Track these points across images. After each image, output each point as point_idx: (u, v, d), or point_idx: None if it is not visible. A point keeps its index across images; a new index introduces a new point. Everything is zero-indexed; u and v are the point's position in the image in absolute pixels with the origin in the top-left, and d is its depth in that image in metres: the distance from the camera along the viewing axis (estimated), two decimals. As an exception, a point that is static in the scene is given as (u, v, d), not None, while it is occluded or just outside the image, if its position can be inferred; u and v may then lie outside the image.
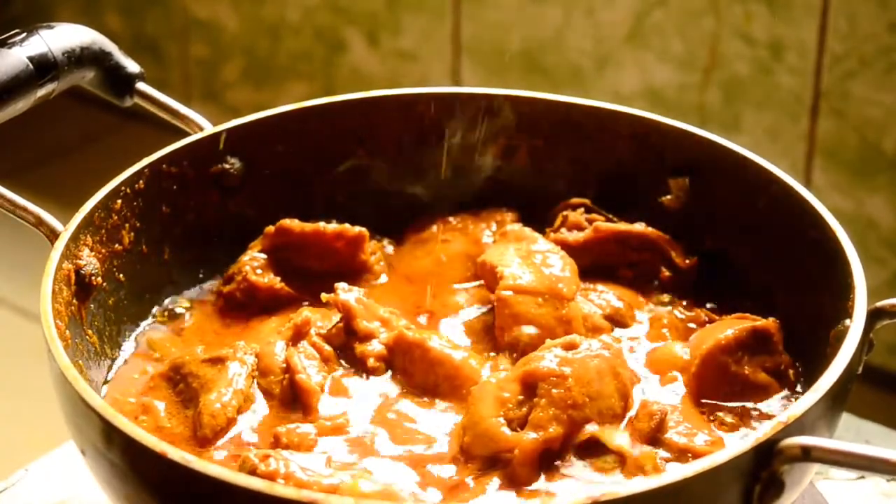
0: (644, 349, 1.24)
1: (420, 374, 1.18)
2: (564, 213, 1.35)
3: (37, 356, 1.15)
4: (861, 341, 1.07)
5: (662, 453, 1.10)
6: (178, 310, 1.30)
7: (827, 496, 1.30)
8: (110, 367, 1.22)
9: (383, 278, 1.34)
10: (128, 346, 1.25)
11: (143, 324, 1.28)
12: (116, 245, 1.25)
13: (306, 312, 1.22)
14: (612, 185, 1.37)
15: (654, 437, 1.11)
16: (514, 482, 1.07)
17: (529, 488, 1.07)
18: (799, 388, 1.19)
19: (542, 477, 1.08)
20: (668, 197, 1.34)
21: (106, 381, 1.21)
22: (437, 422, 1.15)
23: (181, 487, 0.97)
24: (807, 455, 0.97)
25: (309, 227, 1.31)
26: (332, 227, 1.32)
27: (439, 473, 1.10)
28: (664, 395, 1.17)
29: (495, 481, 1.08)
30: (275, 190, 1.36)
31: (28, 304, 2.75)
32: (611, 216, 1.35)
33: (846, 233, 1.17)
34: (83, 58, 1.31)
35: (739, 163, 1.29)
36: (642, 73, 2.54)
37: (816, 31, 2.33)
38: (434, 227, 1.38)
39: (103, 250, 1.23)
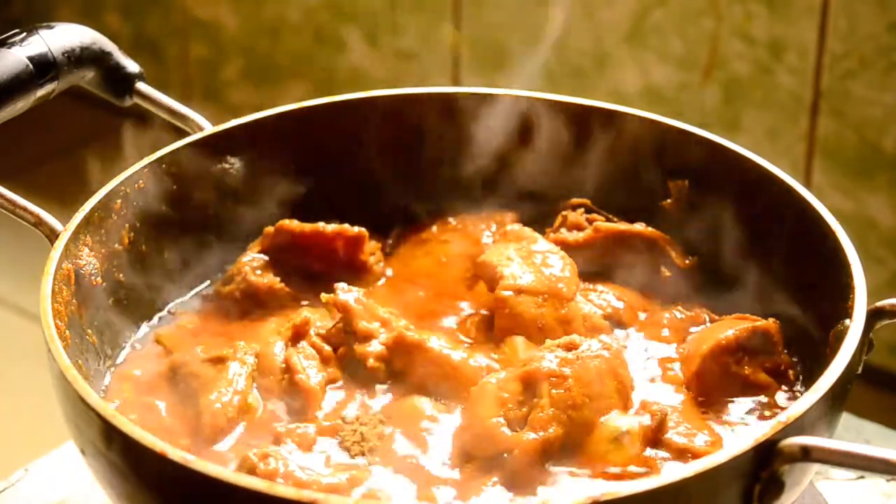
0: (644, 349, 1.24)
1: (420, 374, 1.18)
2: (564, 213, 1.35)
3: (37, 356, 1.15)
4: (861, 341, 1.07)
5: (662, 454, 1.10)
6: (178, 310, 1.30)
7: (827, 496, 1.30)
8: (110, 367, 1.22)
9: (383, 279, 1.34)
10: (128, 346, 1.25)
11: (143, 324, 1.28)
12: (116, 245, 1.25)
13: (306, 313, 1.22)
14: (611, 184, 1.37)
15: (655, 437, 1.11)
16: (514, 482, 1.07)
17: (529, 488, 1.07)
18: (799, 389, 1.19)
19: (542, 477, 1.08)
20: (669, 201, 1.34)
21: (108, 377, 1.21)
22: (437, 422, 1.15)
23: (181, 487, 0.97)
24: (807, 455, 0.97)
25: (308, 227, 1.31)
26: (332, 227, 1.32)
27: (439, 474, 1.10)
28: (664, 395, 1.17)
29: (495, 481, 1.08)
30: (275, 190, 1.36)
31: (28, 303, 2.75)
32: (610, 216, 1.35)
33: (846, 233, 1.17)
34: (83, 58, 1.31)
35: (739, 163, 1.29)
36: (642, 73, 2.54)
37: (816, 30, 2.33)
38: (434, 228, 1.38)
39: (103, 250, 1.23)
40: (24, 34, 1.28)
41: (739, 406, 1.17)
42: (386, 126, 1.39)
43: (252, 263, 1.30)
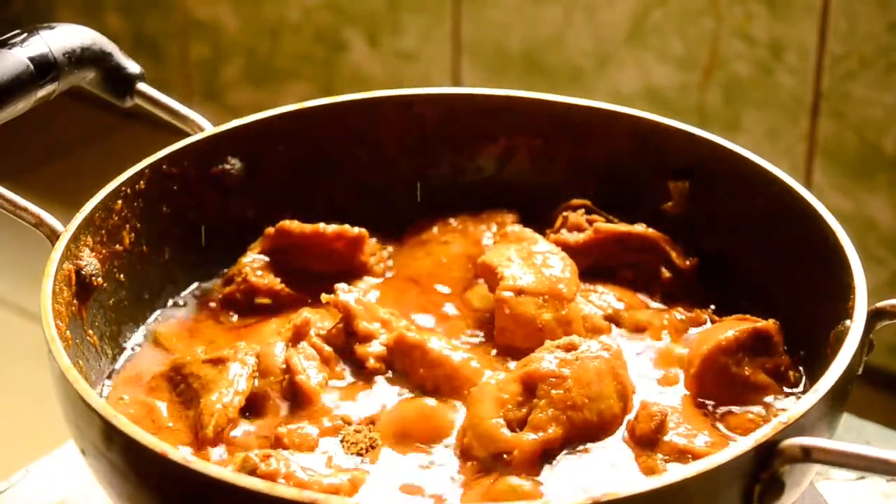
0: (644, 350, 1.24)
1: (420, 375, 1.18)
2: (565, 214, 1.35)
3: (37, 356, 1.15)
4: (861, 342, 1.07)
5: (662, 454, 1.10)
6: (179, 310, 1.30)
7: (827, 497, 1.30)
8: (110, 367, 1.22)
9: (383, 279, 1.34)
10: (128, 346, 1.25)
11: (144, 324, 1.28)
12: (117, 245, 1.25)
13: (306, 313, 1.22)
14: (612, 185, 1.37)
15: (655, 438, 1.11)
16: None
17: (529, 488, 1.07)
18: (799, 389, 1.19)
19: (542, 477, 1.08)
20: (669, 203, 1.34)
21: (109, 377, 1.21)
22: (437, 422, 1.15)
23: (182, 487, 0.97)
24: (807, 456, 0.97)
25: (309, 227, 1.31)
26: (332, 227, 1.32)
27: (439, 473, 1.10)
28: (664, 396, 1.17)
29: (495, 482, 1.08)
30: (275, 190, 1.36)
31: (28, 304, 2.75)
32: (611, 217, 1.35)
33: (846, 233, 1.17)
34: (83, 58, 1.31)
35: (740, 163, 1.29)
36: (642, 74, 2.54)
37: (816, 31, 2.33)
38: (434, 229, 1.38)
39: (104, 251, 1.23)
40: (25, 34, 1.28)
41: (740, 407, 1.17)
42: (386, 126, 1.39)
43: (252, 264, 1.30)
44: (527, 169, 1.40)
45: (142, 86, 1.35)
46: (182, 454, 0.96)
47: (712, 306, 1.29)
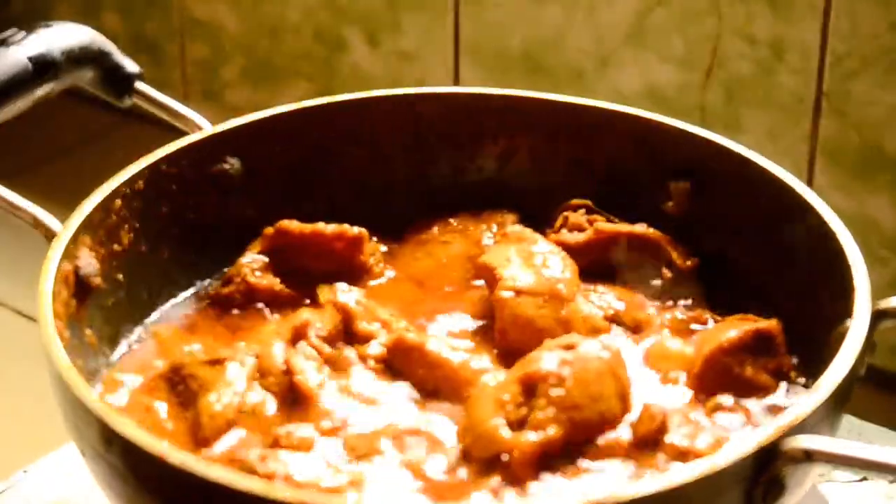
0: (645, 350, 1.23)
1: (419, 376, 1.18)
2: (565, 214, 1.35)
3: (36, 356, 1.15)
4: (864, 343, 1.07)
5: (663, 455, 1.10)
6: (177, 311, 1.30)
7: (828, 498, 1.30)
8: (109, 368, 1.22)
9: (383, 279, 1.33)
10: (127, 347, 1.25)
11: (142, 324, 1.28)
12: (115, 245, 1.25)
13: (306, 313, 1.22)
14: (612, 185, 1.37)
15: (656, 439, 1.10)
16: (514, 483, 1.07)
17: (529, 489, 1.07)
18: (801, 390, 1.18)
19: (542, 478, 1.08)
20: (670, 203, 1.34)
21: (106, 378, 1.21)
22: (437, 423, 1.15)
23: (181, 489, 0.97)
24: (809, 457, 0.97)
25: (308, 228, 1.31)
26: (332, 227, 1.31)
27: (439, 475, 1.09)
28: (665, 396, 1.17)
29: (495, 483, 1.07)
30: (274, 190, 1.36)
31: (26, 304, 2.75)
32: (612, 217, 1.35)
33: (848, 233, 1.17)
34: (82, 57, 1.31)
35: (741, 163, 1.29)
36: (643, 74, 2.54)
37: (818, 30, 2.33)
38: (434, 229, 1.37)
39: (102, 250, 1.23)
40: (24, 33, 1.28)
41: (741, 407, 1.17)
42: (386, 126, 1.39)
43: (252, 265, 1.30)
44: (527, 169, 1.40)
45: (140, 85, 1.35)
46: (181, 455, 0.95)
47: (713, 306, 1.29)
